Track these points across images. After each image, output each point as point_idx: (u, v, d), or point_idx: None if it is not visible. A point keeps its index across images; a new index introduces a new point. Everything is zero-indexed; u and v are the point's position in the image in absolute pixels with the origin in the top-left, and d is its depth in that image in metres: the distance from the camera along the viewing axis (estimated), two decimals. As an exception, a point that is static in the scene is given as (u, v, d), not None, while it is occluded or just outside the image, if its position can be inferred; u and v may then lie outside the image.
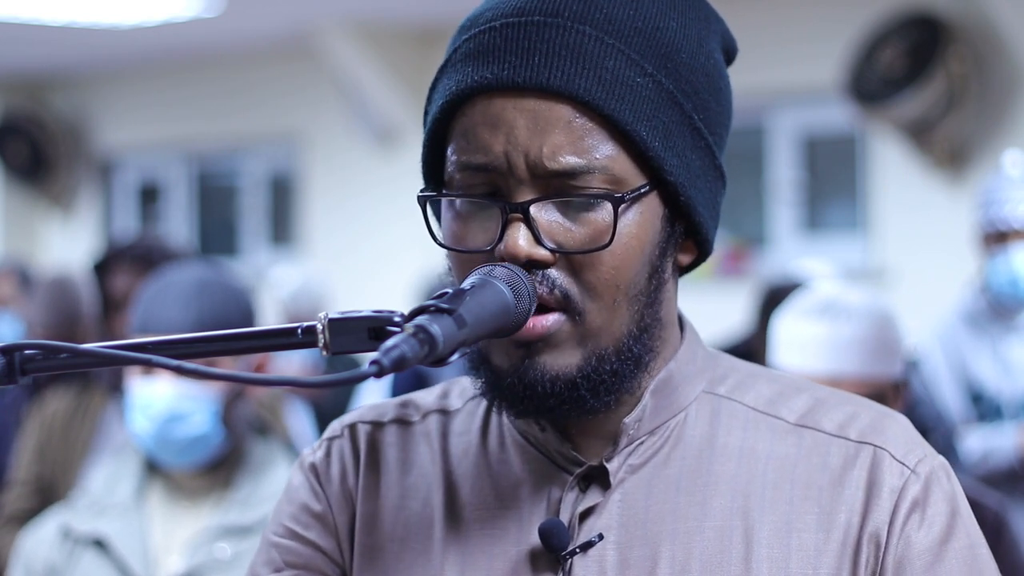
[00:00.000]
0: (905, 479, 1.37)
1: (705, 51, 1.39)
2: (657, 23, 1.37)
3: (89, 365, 1.27)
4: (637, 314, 1.37)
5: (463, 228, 1.37)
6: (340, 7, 8.96)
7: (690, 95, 1.37)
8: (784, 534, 1.36)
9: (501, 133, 1.34)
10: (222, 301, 2.76)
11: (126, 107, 11.35)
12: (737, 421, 1.42)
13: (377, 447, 1.48)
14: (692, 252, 1.43)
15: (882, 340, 2.66)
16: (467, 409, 1.48)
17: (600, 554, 1.37)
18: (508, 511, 1.41)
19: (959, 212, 6.94)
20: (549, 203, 1.34)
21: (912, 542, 1.35)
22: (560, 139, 1.33)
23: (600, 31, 1.34)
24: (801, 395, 1.44)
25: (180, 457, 2.75)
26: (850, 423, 1.41)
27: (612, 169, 1.34)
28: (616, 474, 1.39)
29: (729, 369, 1.46)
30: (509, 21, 1.36)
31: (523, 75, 1.33)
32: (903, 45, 7.32)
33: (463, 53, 1.38)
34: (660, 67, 1.36)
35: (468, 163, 1.35)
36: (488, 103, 1.35)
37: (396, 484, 1.46)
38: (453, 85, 1.37)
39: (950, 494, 1.39)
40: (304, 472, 1.49)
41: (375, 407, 1.52)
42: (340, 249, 9.89)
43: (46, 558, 2.75)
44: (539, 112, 1.33)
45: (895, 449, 1.39)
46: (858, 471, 1.38)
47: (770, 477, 1.38)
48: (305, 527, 1.47)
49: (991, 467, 4.33)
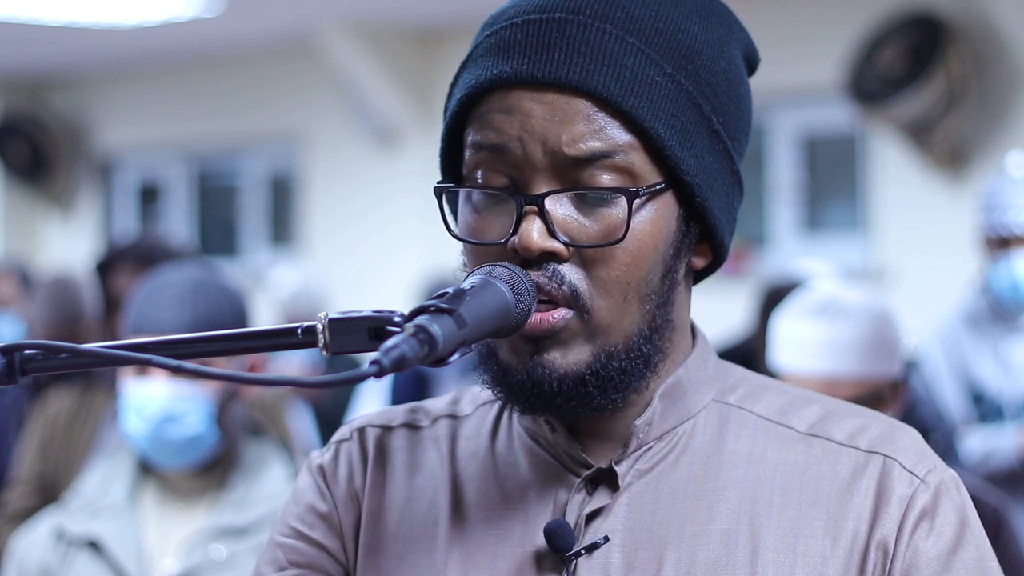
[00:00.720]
0: (915, 488, 1.37)
1: (726, 56, 1.40)
2: (679, 25, 1.37)
3: (89, 365, 1.27)
4: (648, 313, 1.37)
5: (479, 220, 1.37)
6: (340, 7, 8.96)
7: (709, 98, 1.38)
8: (791, 540, 1.36)
9: (516, 120, 1.34)
10: (216, 302, 2.76)
11: (126, 107, 11.35)
12: (746, 429, 1.42)
13: (385, 450, 1.48)
14: (707, 256, 1.43)
15: (880, 340, 2.67)
16: (478, 414, 1.48)
17: (605, 556, 1.37)
18: (514, 512, 1.41)
19: (959, 212, 6.94)
20: (564, 197, 1.34)
21: (920, 551, 1.35)
22: (581, 128, 1.33)
23: (621, 29, 1.35)
24: (812, 406, 1.44)
25: (174, 458, 2.74)
26: (860, 433, 1.41)
27: (631, 157, 1.34)
28: (624, 478, 1.39)
29: (740, 380, 1.46)
30: (531, 18, 1.36)
31: (542, 70, 1.34)
32: (903, 45, 7.32)
33: (484, 48, 1.38)
34: (680, 68, 1.36)
35: (482, 143, 1.36)
36: (505, 95, 1.35)
37: (403, 486, 1.46)
38: (472, 79, 1.37)
39: (960, 505, 1.39)
40: (311, 474, 1.50)
41: (385, 412, 1.53)
42: (340, 249, 9.89)
43: (39, 560, 2.74)
44: (557, 105, 1.34)
45: (905, 459, 1.39)
46: (867, 480, 1.37)
47: (778, 483, 1.38)
48: (310, 527, 1.47)
49: (992, 468, 4.33)
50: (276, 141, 10.47)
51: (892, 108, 7.30)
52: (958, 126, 7.35)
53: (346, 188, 9.98)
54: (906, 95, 7.24)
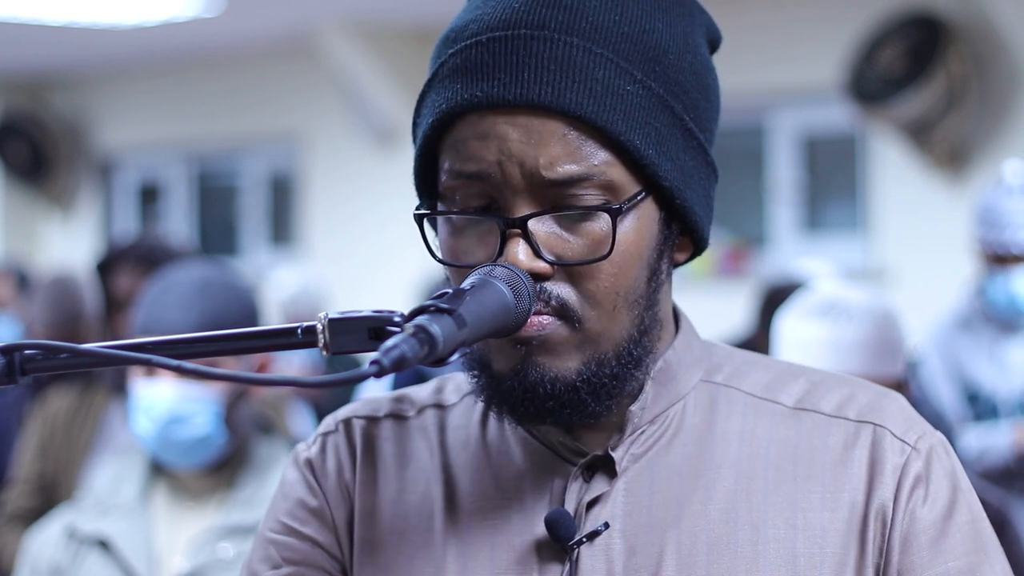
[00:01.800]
0: (907, 456, 1.38)
1: (692, 48, 1.39)
2: (643, 26, 1.36)
3: (90, 365, 1.27)
4: (637, 318, 1.37)
5: (460, 242, 1.37)
6: (340, 7, 8.96)
7: (680, 96, 1.37)
8: (789, 514, 1.37)
9: (493, 144, 1.33)
10: (224, 301, 2.76)
11: (126, 107, 11.35)
12: (736, 407, 1.43)
13: (373, 442, 1.48)
14: (688, 249, 1.44)
15: (884, 340, 2.67)
16: (464, 403, 1.48)
17: (607, 543, 1.37)
18: (510, 502, 1.41)
19: (959, 212, 6.94)
20: (547, 216, 1.34)
21: (917, 517, 1.37)
22: (557, 150, 1.33)
23: (587, 41, 1.34)
24: (798, 380, 1.45)
25: (183, 458, 2.75)
26: (848, 404, 1.42)
27: (609, 175, 1.34)
28: (620, 463, 1.40)
29: (725, 357, 1.47)
30: (496, 35, 1.35)
31: (513, 92, 1.33)
32: (903, 45, 7.32)
33: (450, 68, 1.37)
34: (649, 72, 1.36)
35: (461, 171, 1.35)
36: (479, 119, 1.34)
37: (394, 478, 1.46)
38: (443, 103, 1.36)
39: (950, 469, 1.40)
40: (299, 468, 1.49)
41: (368, 402, 1.52)
42: (340, 249, 9.89)
43: (51, 559, 2.75)
44: (532, 127, 1.33)
45: (895, 427, 1.40)
46: (860, 450, 1.39)
47: (772, 459, 1.39)
48: (302, 523, 1.46)
49: (987, 465, 4.34)
50: (276, 141, 10.47)
51: (892, 108, 7.30)
52: (958, 126, 7.35)
53: (346, 188, 9.98)
54: (906, 95, 7.24)
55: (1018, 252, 4.32)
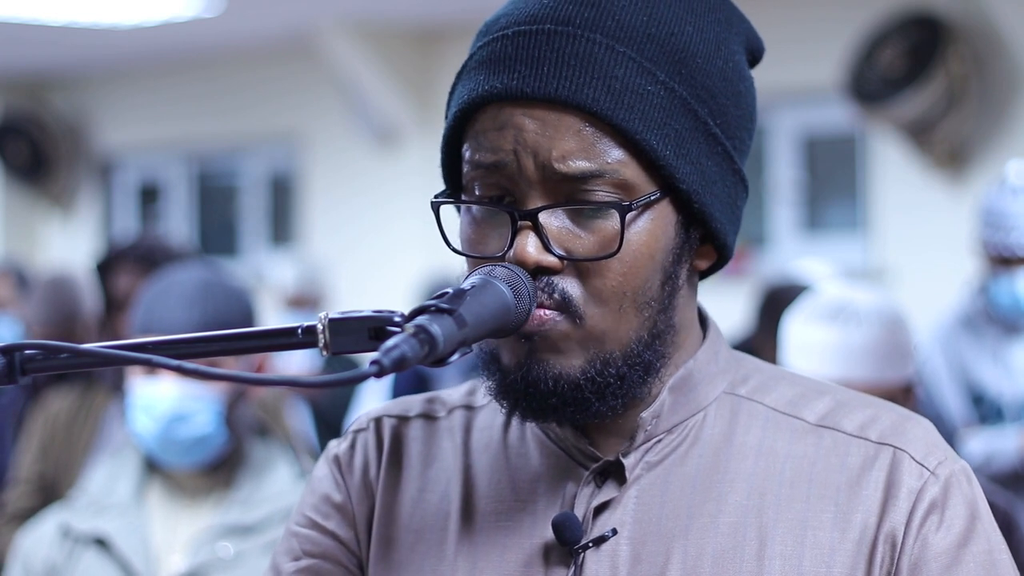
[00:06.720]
0: (924, 481, 1.36)
1: (723, 54, 1.39)
2: (672, 28, 1.36)
3: (89, 365, 1.27)
4: (648, 320, 1.37)
5: (477, 233, 1.38)
6: (340, 7, 8.96)
7: (706, 100, 1.37)
8: (799, 532, 1.36)
9: (510, 134, 1.34)
10: (224, 302, 2.77)
11: (126, 107, 11.35)
12: (757, 421, 1.42)
13: (401, 440, 1.49)
14: (710, 257, 1.43)
15: (893, 344, 2.64)
16: (492, 406, 1.48)
17: (613, 548, 1.37)
18: (523, 504, 1.41)
19: (959, 212, 6.94)
20: (558, 209, 1.34)
21: (929, 544, 1.35)
22: (571, 144, 1.33)
23: (611, 39, 1.34)
24: (823, 397, 1.43)
25: (183, 457, 2.75)
26: (871, 424, 1.40)
27: (623, 174, 1.34)
28: (633, 470, 1.39)
29: (752, 370, 1.46)
30: (521, 29, 1.36)
31: (532, 85, 1.34)
32: (903, 45, 7.31)
33: (477, 60, 1.39)
34: (673, 73, 1.35)
35: (479, 162, 1.36)
36: (498, 111, 1.36)
37: (417, 477, 1.47)
38: (466, 93, 1.38)
39: (970, 498, 1.38)
40: (328, 463, 1.50)
41: (402, 402, 1.53)
42: (340, 249, 9.88)
43: (45, 557, 2.75)
44: (548, 120, 1.34)
45: (915, 451, 1.38)
46: (877, 472, 1.37)
47: (787, 475, 1.38)
48: (325, 517, 1.48)
49: (994, 470, 4.32)
50: (276, 141, 10.47)
51: (892, 108, 7.30)
52: (958, 126, 7.35)
53: (346, 188, 9.98)
54: (906, 95, 7.24)
55: (1023, 254, 4.31)
